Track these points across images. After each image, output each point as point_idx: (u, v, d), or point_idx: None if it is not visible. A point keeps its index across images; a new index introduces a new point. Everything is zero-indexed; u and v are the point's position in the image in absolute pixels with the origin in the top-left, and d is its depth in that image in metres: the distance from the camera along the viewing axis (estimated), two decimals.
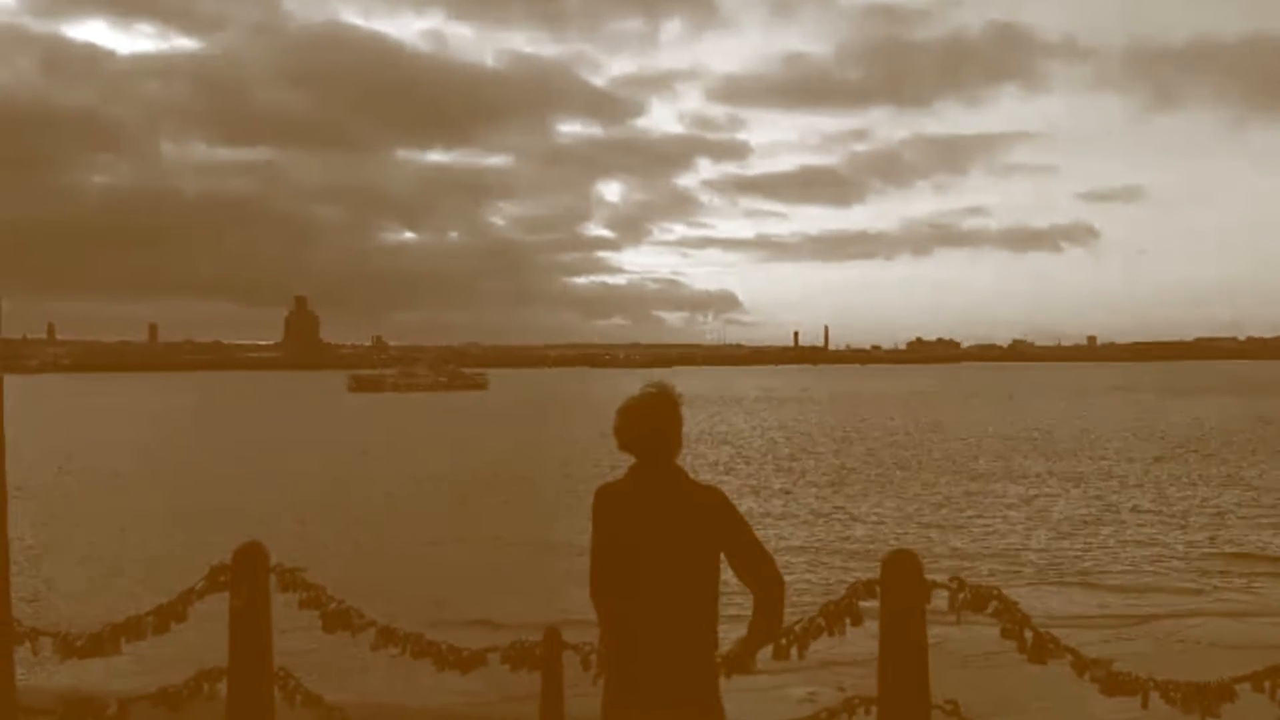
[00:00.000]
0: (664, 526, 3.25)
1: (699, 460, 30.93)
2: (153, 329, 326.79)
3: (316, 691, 5.35)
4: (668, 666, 3.21)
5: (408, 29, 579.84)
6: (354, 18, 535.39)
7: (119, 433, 47.78)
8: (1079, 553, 15.96)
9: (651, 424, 3.33)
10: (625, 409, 3.37)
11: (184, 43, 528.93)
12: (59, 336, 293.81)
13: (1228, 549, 16.07)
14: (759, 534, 3.39)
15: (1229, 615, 12.10)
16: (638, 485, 3.32)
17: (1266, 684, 4.14)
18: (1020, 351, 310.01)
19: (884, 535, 18.13)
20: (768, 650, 3.80)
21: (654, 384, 3.42)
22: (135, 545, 18.06)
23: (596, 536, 3.39)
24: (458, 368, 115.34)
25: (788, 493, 24.48)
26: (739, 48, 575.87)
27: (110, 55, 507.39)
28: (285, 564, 5.22)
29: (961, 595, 4.51)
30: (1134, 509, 20.58)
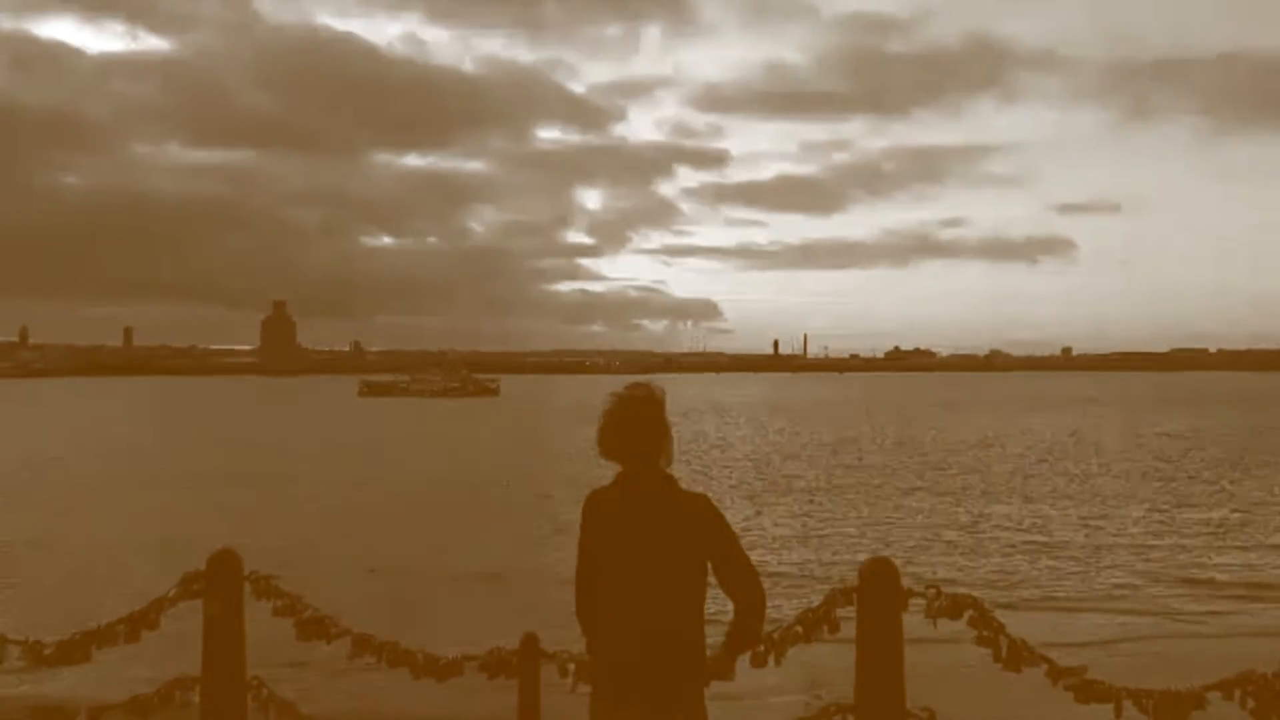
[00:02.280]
0: (650, 533, 3.22)
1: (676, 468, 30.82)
2: (128, 333, 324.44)
3: (290, 700, 5.31)
4: (653, 673, 3.19)
5: (382, 32, 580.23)
6: (327, 19, 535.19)
7: (97, 439, 47.25)
8: (1054, 575, 15.98)
9: (633, 430, 3.28)
10: (606, 414, 3.32)
11: (154, 42, 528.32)
12: (32, 340, 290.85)
13: (1198, 573, 16.04)
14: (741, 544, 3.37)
15: (1205, 636, 12.16)
16: (625, 491, 3.30)
17: (1237, 692, 4.20)
18: (996, 361, 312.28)
19: (864, 547, 18.14)
20: (745, 658, 3.80)
21: (635, 384, 3.36)
22: (107, 552, 17.84)
23: (584, 542, 3.38)
24: (470, 373, 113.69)
25: (767, 504, 24.48)
26: (719, 56, 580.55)
27: (79, 54, 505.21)
28: (260, 571, 5.19)
29: (938, 603, 4.54)
30: (1112, 528, 20.65)
